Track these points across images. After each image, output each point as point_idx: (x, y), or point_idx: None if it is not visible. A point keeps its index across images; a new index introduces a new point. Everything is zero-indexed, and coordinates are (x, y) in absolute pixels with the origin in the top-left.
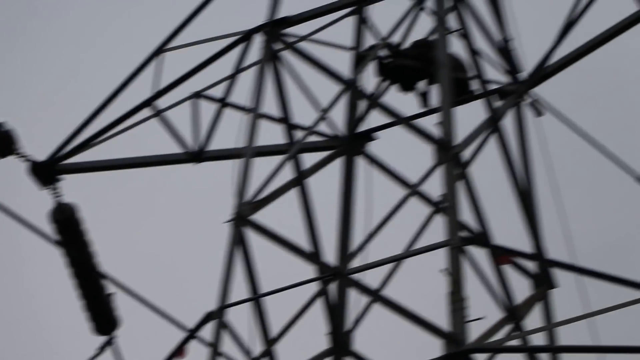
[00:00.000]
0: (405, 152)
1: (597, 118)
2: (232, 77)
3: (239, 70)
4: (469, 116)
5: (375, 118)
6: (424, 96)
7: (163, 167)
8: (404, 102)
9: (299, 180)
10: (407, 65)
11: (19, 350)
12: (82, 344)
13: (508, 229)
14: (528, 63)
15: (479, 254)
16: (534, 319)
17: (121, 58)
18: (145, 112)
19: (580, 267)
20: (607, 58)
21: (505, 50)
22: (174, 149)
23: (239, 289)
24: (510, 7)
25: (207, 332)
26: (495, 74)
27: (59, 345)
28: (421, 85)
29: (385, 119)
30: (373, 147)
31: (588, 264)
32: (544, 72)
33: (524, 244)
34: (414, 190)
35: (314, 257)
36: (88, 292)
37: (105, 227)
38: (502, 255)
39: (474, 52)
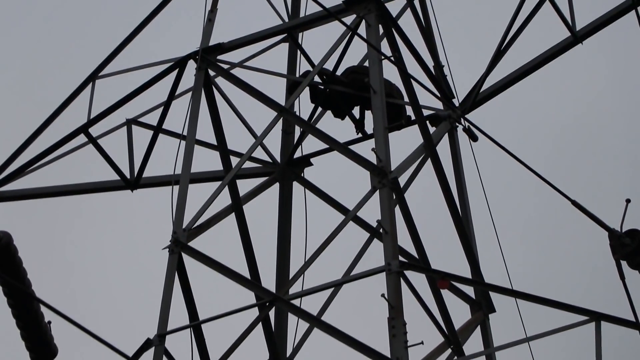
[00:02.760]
0: (342, 177)
1: (530, 142)
2: (166, 104)
3: (173, 96)
4: (405, 142)
5: (311, 144)
6: (359, 122)
7: (99, 194)
8: (340, 127)
9: (236, 206)
10: (341, 91)
11: None
12: None
13: (446, 254)
14: (461, 89)
15: (417, 278)
16: (473, 344)
17: (54, 84)
18: (80, 139)
19: (517, 291)
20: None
21: (438, 77)
22: (110, 176)
23: (179, 316)
24: (442, 34)
25: (147, 359)
26: (429, 100)
27: None
28: (356, 111)
29: (321, 145)
30: (309, 173)
31: (525, 288)
32: (477, 98)
33: (462, 268)
34: (351, 215)
35: (253, 282)
36: (25, 321)
37: (41, 255)
38: (440, 280)
39: (407, 78)
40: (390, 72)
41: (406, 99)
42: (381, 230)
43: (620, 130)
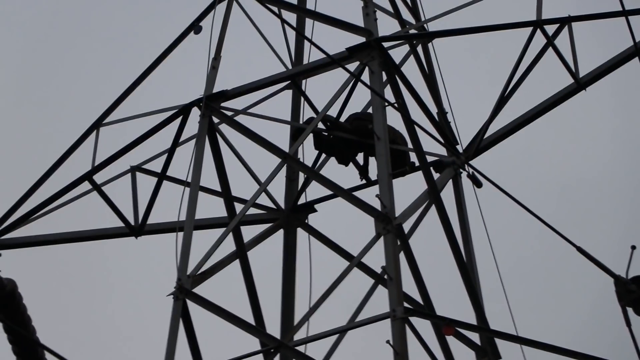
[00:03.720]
0: (346, 224)
1: (534, 189)
2: (170, 151)
3: (177, 144)
4: (409, 188)
5: (316, 190)
6: (363, 168)
7: (103, 241)
8: (344, 174)
9: (241, 252)
10: (344, 138)
11: None
12: None
13: (451, 300)
14: (465, 136)
15: (422, 325)
16: None
17: (59, 132)
18: (84, 186)
19: (523, 338)
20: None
21: (441, 123)
22: (114, 222)
23: None
24: (445, 80)
25: None
26: (433, 147)
27: None
28: (359, 157)
29: (325, 191)
30: (314, 219)
31: (530, 334)
32: (480, 144)
33: (467, 314)
34: (356, 261)
35: (257, 329)
36: None
37: (46, 302)
38: (446, 326)
39: (411, 125)
40: (394, 119)
41: (410, 145)
42: (386, 277)
43: (625, 176)
